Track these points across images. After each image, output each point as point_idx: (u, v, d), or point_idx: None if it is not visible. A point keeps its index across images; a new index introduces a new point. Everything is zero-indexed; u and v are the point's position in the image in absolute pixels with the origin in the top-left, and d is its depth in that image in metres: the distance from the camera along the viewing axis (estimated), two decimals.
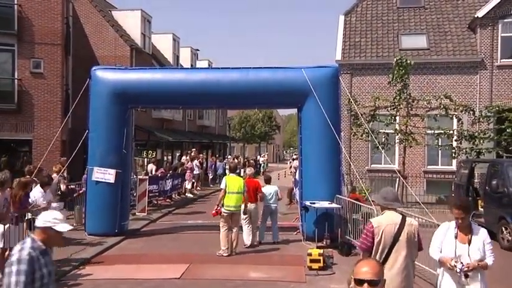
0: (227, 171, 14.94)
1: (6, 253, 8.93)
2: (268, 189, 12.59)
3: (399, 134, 18.52)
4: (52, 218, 3.98)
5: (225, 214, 11.11)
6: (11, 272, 3.64)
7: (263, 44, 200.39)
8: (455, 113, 18.63)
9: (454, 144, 18.76)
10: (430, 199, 19.06)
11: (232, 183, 11.25)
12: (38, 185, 10.30)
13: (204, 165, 27.95)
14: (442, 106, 18.00)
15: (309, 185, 12.63)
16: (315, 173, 12.52)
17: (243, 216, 11.72)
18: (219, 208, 11.28)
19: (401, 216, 5.18)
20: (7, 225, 8.65)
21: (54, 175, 12.63)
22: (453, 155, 18.77)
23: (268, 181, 13.10)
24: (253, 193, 11.99)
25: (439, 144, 18.94)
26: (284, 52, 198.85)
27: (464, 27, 22.71)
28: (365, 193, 14.02)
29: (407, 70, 17.83)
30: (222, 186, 11.34)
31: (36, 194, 9.93)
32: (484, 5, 21.77)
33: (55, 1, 19.54)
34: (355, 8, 24.78)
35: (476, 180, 16.89)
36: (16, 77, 19.23)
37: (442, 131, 18.33)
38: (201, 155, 28.45)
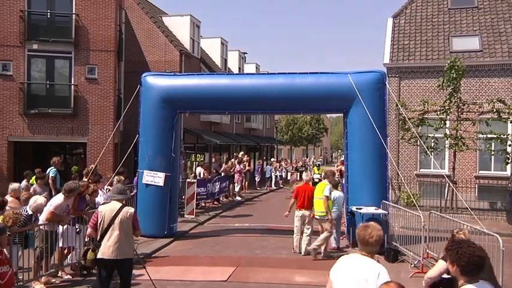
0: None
1: (65, 251, 9.54)
2: (335, 194, 12.29)
3: (449, 139, 18.07)
4: None
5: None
6: None
7: (310, 45, 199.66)
8: (509, 117, 17.99)
9: (509, 149, 18.11)
10: (482, 205, 18.49)
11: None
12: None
13: (251, 167, 28.19)
14: (494, 110, 17.42)
15: (355, 190, 12.59)
16: (361, 178, 12.47)
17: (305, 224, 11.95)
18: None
19: (120, 205, 7.20)
20: (65, 226, 9.24)
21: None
22: (507, 160, 18.12)
23: (336, 186, 12.62)
24: (308, 199, 11.77)
25: (492, 149, 18.36)
26: (331, 53, 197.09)
27: None
28: (413, 199, 13.85)
29: (461, 73, 17.35)
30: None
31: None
32: None
33: (109, 9, 20.27)
34: (404, 10, 24.35)
35: None
36: (72, 82, 20.09)
37: (495, 136, 17.75)
38: (248, 157, 28.65)
